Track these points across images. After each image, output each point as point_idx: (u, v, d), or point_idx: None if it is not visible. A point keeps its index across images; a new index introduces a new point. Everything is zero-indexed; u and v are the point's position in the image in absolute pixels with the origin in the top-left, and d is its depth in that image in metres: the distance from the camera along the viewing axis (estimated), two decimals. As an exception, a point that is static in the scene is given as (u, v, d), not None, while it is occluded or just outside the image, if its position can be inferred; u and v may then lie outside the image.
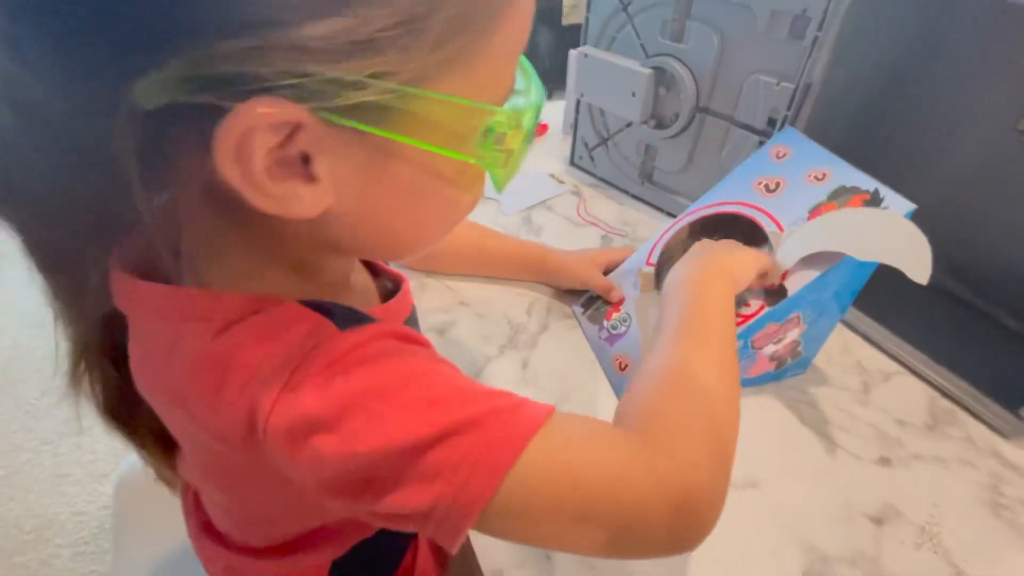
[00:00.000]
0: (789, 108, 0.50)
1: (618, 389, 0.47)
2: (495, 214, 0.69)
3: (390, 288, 0.38)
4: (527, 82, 0.25)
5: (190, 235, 0.26)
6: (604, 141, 0.71)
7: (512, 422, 0.24)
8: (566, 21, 2.91)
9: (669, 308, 0.36)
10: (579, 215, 0.69)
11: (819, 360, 0.51)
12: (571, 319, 0.54)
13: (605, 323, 0.50)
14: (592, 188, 0.74)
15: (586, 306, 0.53)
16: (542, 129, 0.89)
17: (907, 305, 0.54)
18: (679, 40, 0.57)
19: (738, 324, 0.42)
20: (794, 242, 0.41)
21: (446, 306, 0.56)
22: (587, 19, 0.65)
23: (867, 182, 0.41)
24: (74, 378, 0.30)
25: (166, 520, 0.61)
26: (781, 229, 0.42)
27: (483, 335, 0.52)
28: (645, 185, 0.69)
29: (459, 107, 0.21)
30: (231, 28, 0.16)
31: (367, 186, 0.23)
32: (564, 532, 0.25)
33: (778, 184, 0.44)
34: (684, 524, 0.25)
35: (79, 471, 1.27)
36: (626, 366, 0.47)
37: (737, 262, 0.39)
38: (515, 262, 0.57)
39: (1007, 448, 0.44)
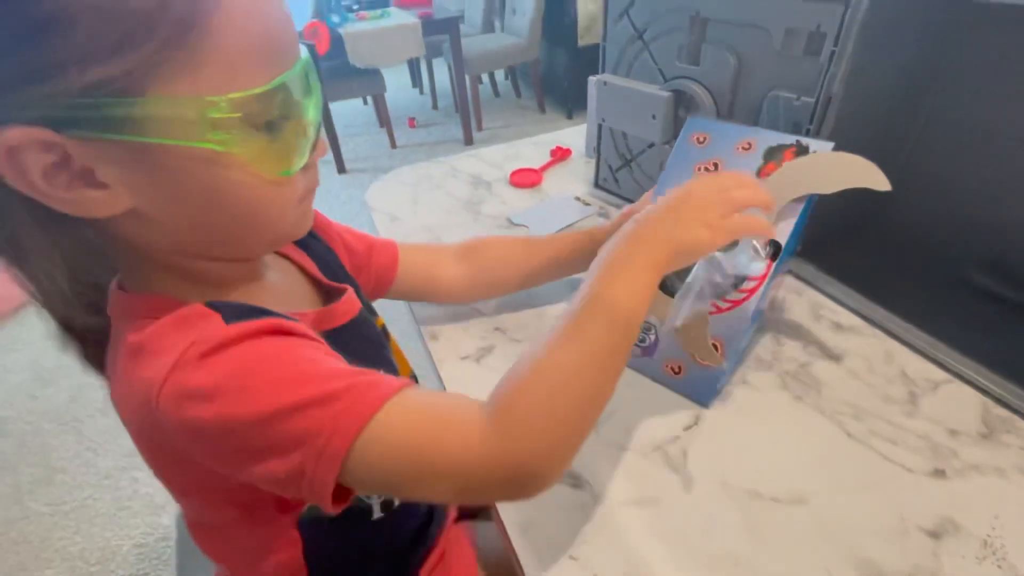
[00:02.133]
0: (811, 121, 0.50)
1: (684, 390, 0.48)
2: (524, 240, 0.71)
3: (336, 300, 0.42)
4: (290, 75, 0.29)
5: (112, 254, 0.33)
6: (627, 162, 0.72)
7: (364, 395, 0.29)
8: (581, 43, 2.97)
9: (580, 289, 0.35)
10: (607, 236, 0.70)
11: (861, 370, 0.50)
12: (605, 340, 0.55)
13: None
14: (618, 209, 0.76)
15: None
16: (565, 153, 0.91)
17: (952, 311, 0.53)
18: (695, 63, 0.58)
19: (751, 290, 0.45)
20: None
21: (482, 333, 0.57)
22: (604, 48, 0.67)
23: (787, 138, 0.46)
24: (64, 345, 0.36)
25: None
26: None
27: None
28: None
29: (169, 101, 0.25)
30: None
31: (152, 184, 0.28)
32: (413, 488, 0.31)
33: (716, 164, 0.49)
34: (517, 489, 0.30)
35: (138, 503, 1.33)
36: (680, 368, 0.48)
37: (690, 241, 0.36)
38: (567, 251, 0.56)
39: (1071, 455, 0.42)
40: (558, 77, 3.20)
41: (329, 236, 0.49)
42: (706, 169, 0.49)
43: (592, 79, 0.81)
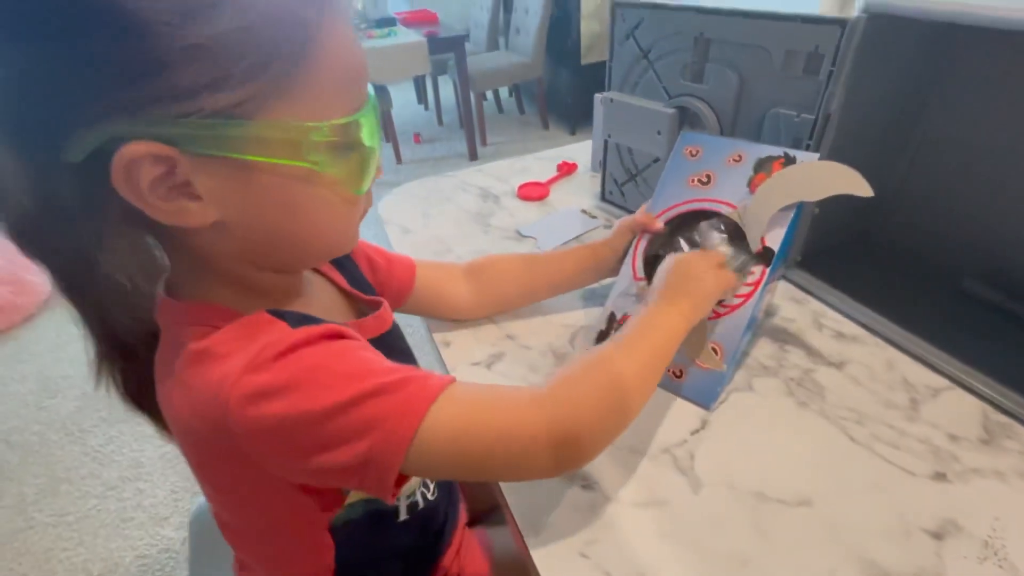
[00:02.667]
0: (811, 137, 0.52)
1: (687, 393, 0.50)
2: (532, 250, 0.73)
3: (367, 313, 0.45)
4: (368, 104, 0.32)
5: (167, 256, 0.35)
6: (633, 177, 0.74)
7: (425, 383, 0.32)
8: (584, 61, 3.03)
9: (626, 326, 0.43)
10: (613, 248, 0.72)
11: (862, 377, 0.51)
12: (613, 347, 0.56)
13: None
14: (624, 221, 0.78)
15: (601, 340, 0.54)
16: (571, 168, 0.94)
17: (950, 320, 0.54)
18: (699, 81, 0.61)
19: (747, 295, 0.48)
20: (758, 211, 0.48)
21: (493, 340, 0.59)
22: (610, 67, 0.69)
23: (775, 150, 0.49)
24: (98, 374, 0.37)
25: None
26: (734, 207, 0.49)
27: (530, 366, 0.55)
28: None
29: (276, 126, 0.28)
30: (108, 110, 0.26)
31: (243, 198, 0.30)
32: (472, 464, 0.33)
33: (708, 176, 0.52)
34: (565, 454, 0.34)
35: (141, 515, 1.33)
36: (681, 372, 0.49)
37: (702, 299, 0.46)
38: (570, 267, 0.59)
39: (1069, 460, 0.43)
40: (561, 94, 3.26)
41: (354, 251, 0.51)
42: (699, 181, 0.52)
43: (598, 96, 0.83)
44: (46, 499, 1.38)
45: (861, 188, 0.44)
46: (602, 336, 0.55)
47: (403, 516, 0.45)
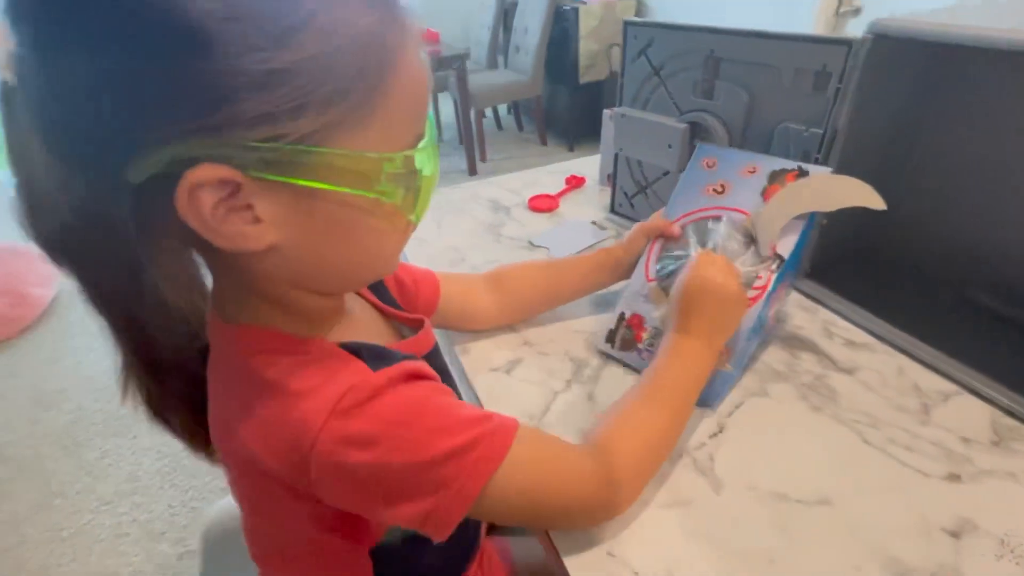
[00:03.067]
0: (819, 151, 0.54)
1: None
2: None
3: (405, 333, 0.46)
4: (429, 131, 0.33)
5: (213, 278, 0.35)
6: (643, 189, 0.76)
7: (494, 441, 0.34)
8: (583, 80, 3.10)
9: (655, 362, 0.46)
10: (624, 258, 0.74)
11: (874, 382, 0.53)
12: (629, 353, 0.58)
13: (639, 345, 0.54)
14: (634, 233, 0.79)
15: (611, 339, 0.56)
16: (579, 181, 0.96)
17: (956, 328, 0.56)
18: (710, 97, 0.63)
19: (754, 299, 0.49)
20: (770, 219, 0.49)
21: (511, 347, 0.60)
22: (621, 84, 0.72)
23: (789, 163, 0.51)
24: (124, 389, 0.37)
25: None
26: (747, 215, 0.52)
27: (548, 371, 0.56)
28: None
29: (351, 157, 0.28)
30: (181, 132, 0.25)
31: (301, 223, 0.30)
32: (529, 519, 0.39)
33: (723, 186, 0.54)
34: (606, 519, 0.40)
35: (137, 530, 1.31)
36: None
37: (723, 325, 0.47)
38: (585, 272, 0.60)
39: (1077, 461, 0.44)
40: (560, 112, 3.31)
41: None
42: (714, 191, 0.54)
43: (607, 112, 0.86)
44: (39, 514, 1.36)
45: (874, 201, 0.46)
46: (611, 335, 0.56)
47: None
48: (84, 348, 1.88)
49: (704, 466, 0.46)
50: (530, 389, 0.54)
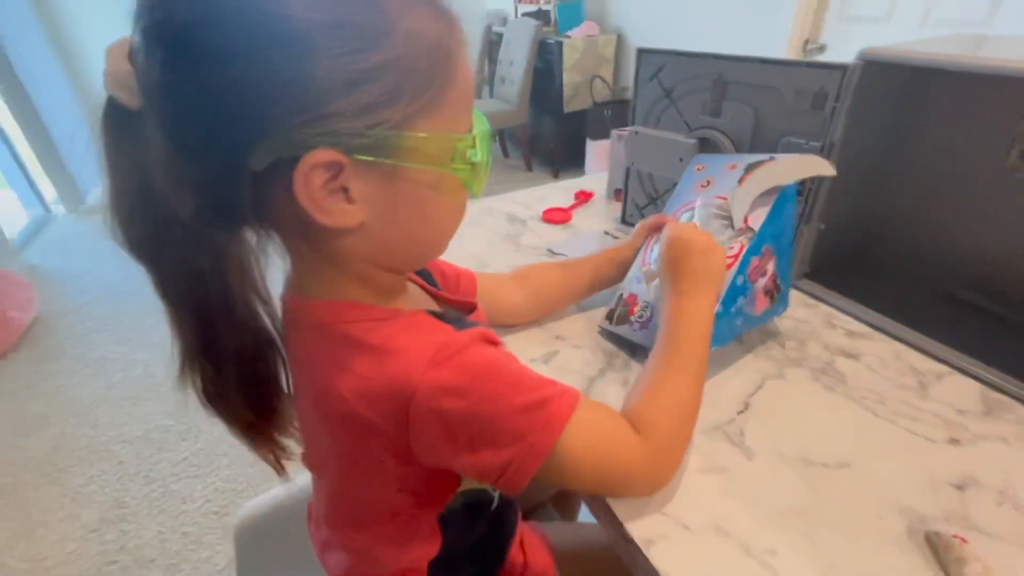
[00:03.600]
0: (819, 162, 0.62)
1: (640, 339, 0.59)
2: (566, 266, 0.80)
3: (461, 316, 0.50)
4: (478, 120, 0.38)
5: (293, 261, 0.39)
6: (653, 200, 0.83)
7: (562, 401, 0.38)
8: (567, 109, 3.24)
9: (664, 329, 0.49)
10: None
11: (876, 365, 0.59)
12: (655, 345, 0.63)
13: (632, 319, 0.60)
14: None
15: (609, 318, 0.63)
16: (587, 196, 1.02)
17: (943, 322, 0.63)
18: (717, 116, 0.70)
19: (729, 266, 0.54)
20: (742, 195, 0.56)
21: (543, 341, 0.64)
22: (634, 105, 0.79)
23: (764, 156, 0.58)
24: (181, 378, 0.39)
25: (286, 556, 0.65)
26: (724, 199, 0.58)
27: (583, 362, 0.61)
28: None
29: (432, 138, 0.34)
30: (299, 118, 0.30)
31: (387, 202, 0.35)
32: (584, 480, 0.41)
33: (708, 181, 0.61)
34: (652, 490, 0.44)
35: (126, 558, 1.27)
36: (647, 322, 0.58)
37: (709, 273, 0.51)
38: (598, 269, 0.66)
39: (1056, 426, 0.51)
40: (545, 140, 3.44)
41: (428, 264, 0.55)
42: (701, 186, 0.61)
43: (616, 133, 0.93)
44: (20, 544, 1.31)
45: (826, 169, 0.53)
46: (610, 313, 0.63)
47: (495, 504, 0.49)
48: (65, 372, 1.84)
49: (735, 439, 0.50)
50: (568, 377, 0.58)
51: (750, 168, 0.58)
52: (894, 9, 1.82)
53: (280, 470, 0.47)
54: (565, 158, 3.35)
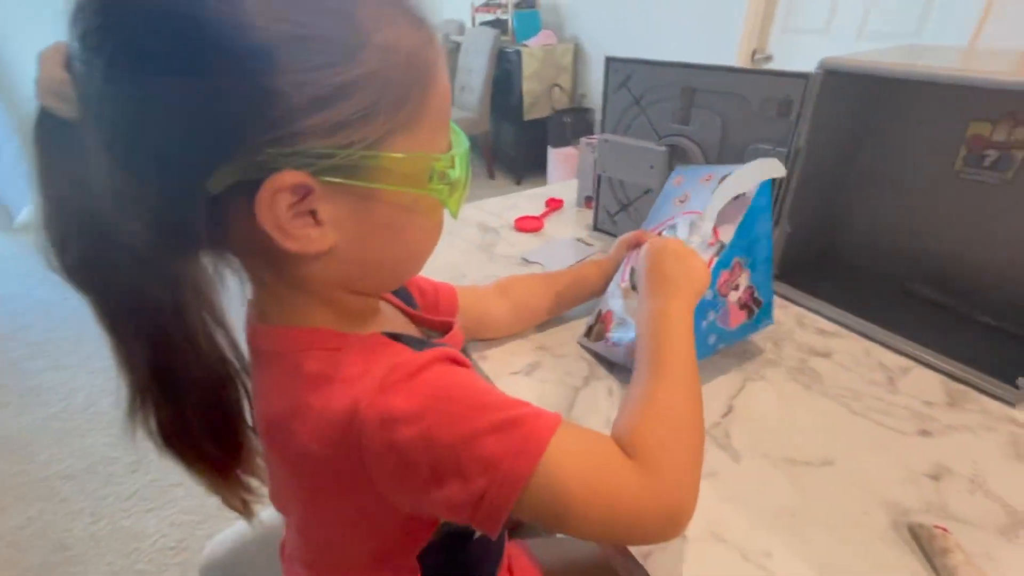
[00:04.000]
0: (786, 167, 0.64)
1: (602, 351, 0.60)
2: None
3: (434, 336, 0.48)
4: (456, 136, 0.36)
5: (254, 286, 0.37)
6: (624, 207, 0.84)
7: (539, 422, 0.32)
8: (527, 117, 3.26)
9: (641, 340, 0.45)
10: (614, 269, 0.80)
11: (848, 363, 0.61)
12: (636, 351, 0.63)
13: (607, 335, 0.60)
14: (618, 247, 0.86)
15: (587, 333, 0.62)
16: (558, 204, 1.02)
17: (904, 317, 0.66)
18: (686, 123, 0.72)
19: None
20: (712, 207, 0.56)
21: (526, 351, 0.63)
22: (604, 113, 0.80)
23: (737, 166, 0.57)
24: (131, 416, 0.36)
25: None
26: (700, 214, 0.57)
27: (566, 371, 0.60)
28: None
29: (409, 158, 0.31)
30: (262, 137, 0.27)
31: (359, 224, 0.32)
32: (571, 515, 0.32)
33: (686, 196, 0.61)
34: (672, 528, 0.35)
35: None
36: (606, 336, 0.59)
37: (689, 277, 0.48)
38: (580, 281, 0.65)
39: (1016, 413, 0.54)
40: (506, 147, 3.45)
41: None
42: (680, 201, 0.61)
43: (584, 140, 0.94)
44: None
45: (777, 171, 0.54)
46: (588, 329, 0.62)
47: (477, 534, 0.46)
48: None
49: (722, 442, 0.51)
50: (551, 388, 0.58)
51: (722, 180, 0.58)
52: (832, 21, 1.93)
53: (249, 515, 0.44)
54: (526, 165, 3.37)
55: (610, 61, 0.76)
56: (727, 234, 0.55)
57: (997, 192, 0.64)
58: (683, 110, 0.71)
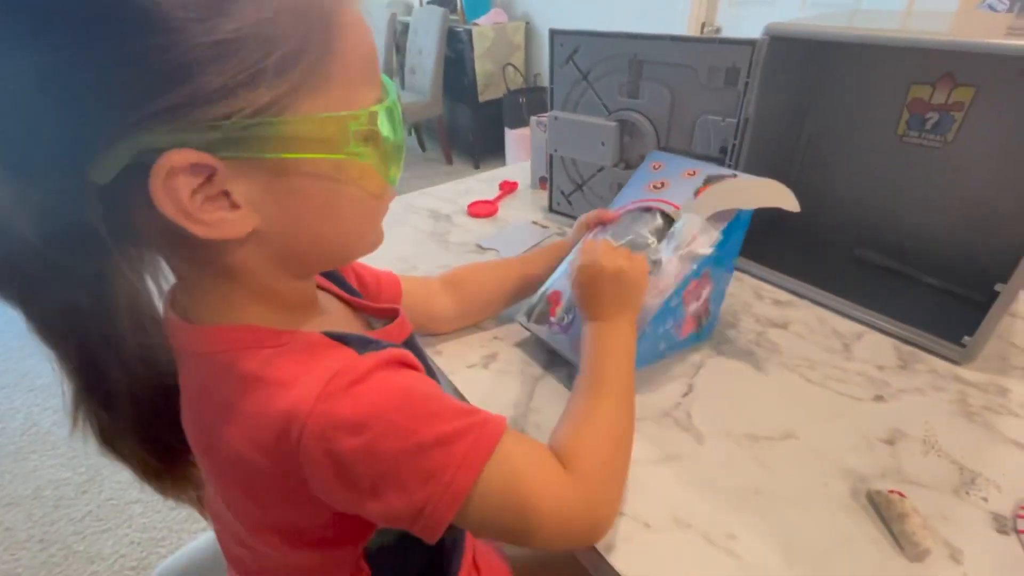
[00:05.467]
0: (736, 137, 0.62)
1: (560, 346, 0.56)
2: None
3: (375, 326, 0.45)
4: (384, 89, 0.32)
5: (178, 281, 0.34)
6: (579, 187, 0.82)
7: (482, 434, 0.32)
8: (482, 98, 3.19)
9: (584, 356, 0.46)
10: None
11: (803, 332, 0.61)
12: (595, 335, 0.61)
13: (551, 319, 0.56)
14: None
15: (528, 315, 0.59)
16: (512, 186, 0.99)
17: (853, 281, 0.66)
18: (635, 97, 0.70)
19: (663, 287, 0.51)
20: (695, 209, 0.53)
21: (482, 343, 0.61)
22: (552, 89, 0.77)
23: (727, 171, 0.55)
24: (75, 419, 0.35)
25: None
26: (677, 207, 0.55)
27: (524, 361, 0.58)
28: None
29: (313, 120, 0.28)
30: (142, 119, 0.24)
31: (280, 202, 0.29)
32: (510, 522, 0.33)
33: (663, 183, 0.58)
34: (594, 537, 0.37)
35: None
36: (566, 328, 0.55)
37: (624, 300, 0.48)
38: (538, 267, 0.62)
39: (962, 371, 0.55)
40: (463, 131, 3.37)
41: (343, 269, 0.50)
42: (654, 187, 0.59)
43: (535, 119, 0.91)
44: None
45: (790, 203, 0.50)
46: (530, 308, 0.59)
47: None
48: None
49: (684, 423, 0.50)
50: (510, 380, 0.56)
51: (709, 180, 0.55)
52: (777, -8, 1.94)
53: (203, 509, 0.42)
54: (485, 148, 3.30)
55: (555, 34, 0.73)
56: (705, 244, 0.52)
57: (938, 154, 0.64)
58: (631, 83, 0.69)
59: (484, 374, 0.57)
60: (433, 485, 0.30)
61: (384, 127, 0.31)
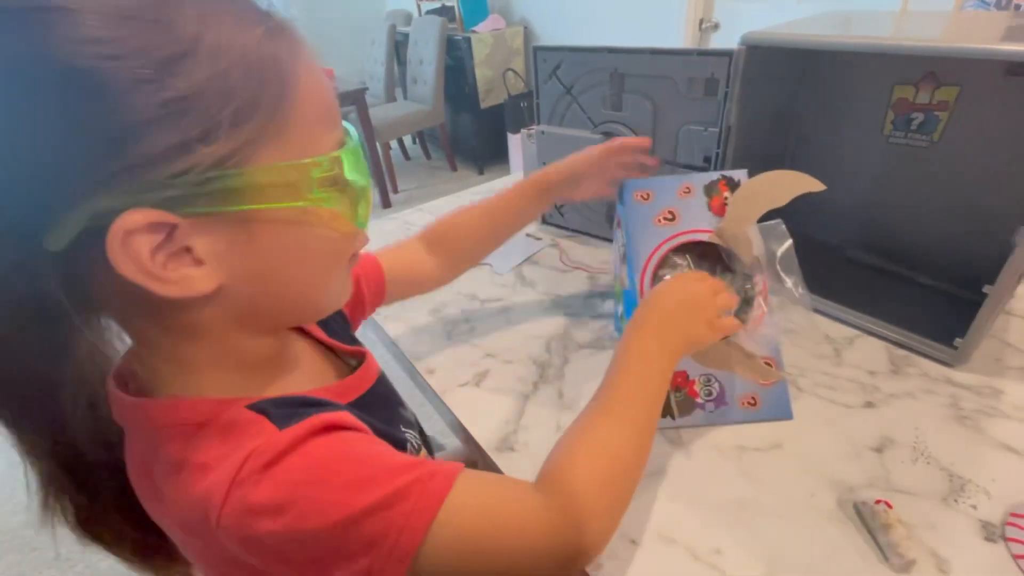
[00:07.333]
0: (719, 146, 0.63)
1: (766, 415, 0.52)
2: (491, 275, 0.78)
3: (353, 365, 0.44)
4: (345, 132, 0.32)
5: (139, 348, 0.32)
6: (569, 198, 0.82)
7: (427, 490, 0.30)
8: (484, 105, 3.20)
9: (610, 368, 0.42)
10: (563, 263, 0.79)
11: (796, 337, 0.61)
12: (586, 348, 0.62)
13: (697, 402, 0.52)
14: (567, 239, 0.85)
15: (671, 415, 0.52)
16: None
17: (845, 283, 0.66)
18: (619, 109, 0.70)
19: (760, 318, 0.49)
20: (734, 228, 0.50)
21: (474, 360, 0.62)
22: (537, 104, 0.78)
23: (713, 174, 0.53)
24: (45, 508, 0.33)
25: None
26: (711, 232, 0.52)
27: (516, 377, 0.59)
28: (613, 228, 0.80)
29: (274, 169, 0.27)
30: (96, 183, 0.24)
31: (246, 256, 0.28)
32: (477, 573, 0.31)
33: (672, 213, 0.53)
34: (574, 568, 0.34)
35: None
36: (755, 400, 0.52)
37: (679, 325, 0.44)
38: (520, 203, 0.59)
39: (954, 374, 0.55)
40: (466, 137, 3.39)
41: None
42: (664, 219, 0.53)
43: (524, 131, 0.91)
44: None
45: (815, 185, 0.49)
46: (666, 408, 0.52)
47: None
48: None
49: (672, 436, 0.50)
50: (502, 398, 0.56)
51: (709, 192, 0.52)
52: (774, -15, 1.92)
53: None
54: (488, 154, 3.32)
55: (537, 50, 0.74)
56: (760, 248, 0.49)
57: (925, 154, 0.64)
58: (614, 96, 0.70)
59: (475, 392, 0.58)
60: (376, 551, 0.28)
61: (348, 170, 0.31)
